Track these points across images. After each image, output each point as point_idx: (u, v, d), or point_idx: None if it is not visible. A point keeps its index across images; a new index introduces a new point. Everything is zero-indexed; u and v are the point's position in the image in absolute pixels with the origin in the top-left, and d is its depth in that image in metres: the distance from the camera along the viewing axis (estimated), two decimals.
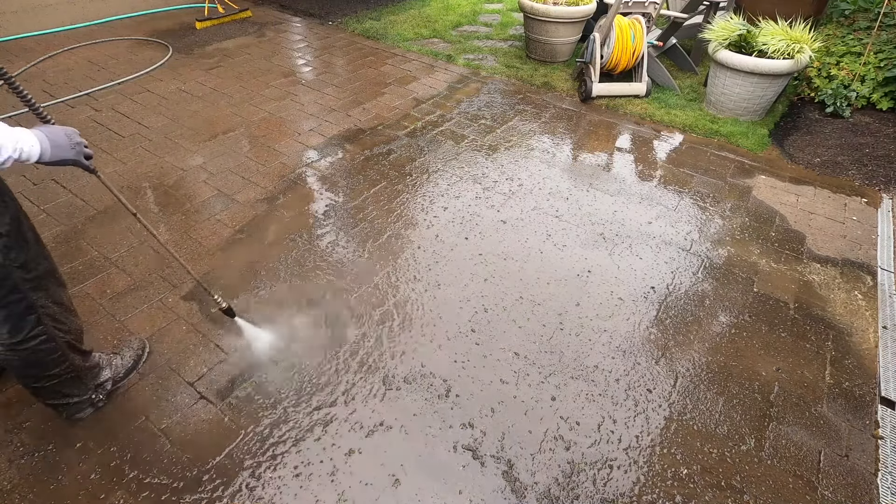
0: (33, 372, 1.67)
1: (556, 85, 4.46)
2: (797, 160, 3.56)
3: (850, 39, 4.17)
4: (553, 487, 1.73)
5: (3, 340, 1.55)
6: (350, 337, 2.22)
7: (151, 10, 5.89)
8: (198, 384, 2.01)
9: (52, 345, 1.65)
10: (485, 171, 3.31)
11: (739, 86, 3.78)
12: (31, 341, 1.59)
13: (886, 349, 2.26)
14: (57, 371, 1.70)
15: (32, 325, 1.58)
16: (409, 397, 1.99)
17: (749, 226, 2.94)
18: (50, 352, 1.65)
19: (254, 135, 3.65)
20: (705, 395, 2.04)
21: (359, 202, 3.01)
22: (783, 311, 2.42)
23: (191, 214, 2.88)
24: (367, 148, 3.53)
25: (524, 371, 2.10)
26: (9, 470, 1.73)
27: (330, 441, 1.84)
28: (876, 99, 3.90)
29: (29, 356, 1.61)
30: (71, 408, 1.83)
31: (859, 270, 2.66)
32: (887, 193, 3.25)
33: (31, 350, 1.60)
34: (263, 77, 4.48)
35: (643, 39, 4.06)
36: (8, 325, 1.54)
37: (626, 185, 3.24)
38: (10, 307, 1.52)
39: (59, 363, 1.69)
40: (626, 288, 2.50)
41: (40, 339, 1.61)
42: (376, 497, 1.69)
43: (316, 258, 2.61)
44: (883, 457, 1.86)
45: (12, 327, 1.54)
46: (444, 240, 2.76)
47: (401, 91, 4.31)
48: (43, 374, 1.68)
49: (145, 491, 1.68)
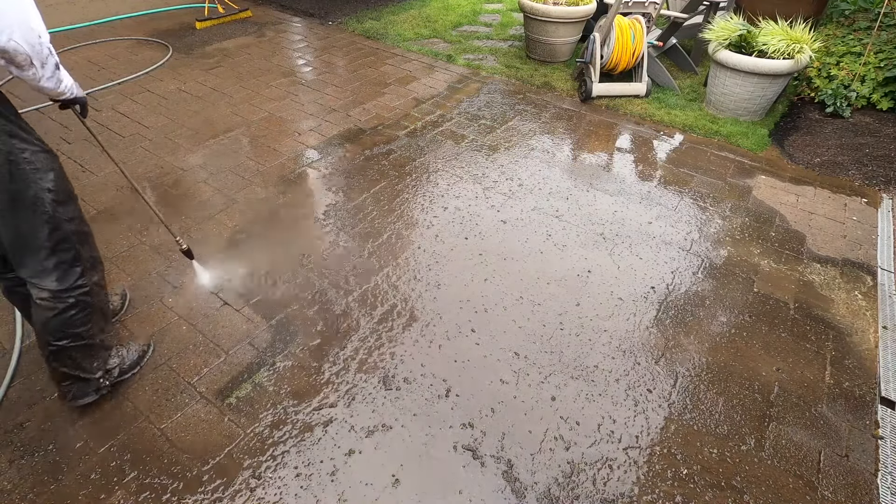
0: (62, 326, 1.71)
1: (556, 85, 4.46)
2: (797, 160, 3.56)
3: (850, 39, 4.17)
4: (553, 487, 1.73)
5: (50, 288, 1.64)
6: (350, 337, 2.22)
7: (151, 10, 5.88)
8: (198, 384, 2.01)
9: (89, 300, 1.74)
10: (485, 171, 3.31)
11: (739, 86, 3.77)
12: (74, 291, 1.68)
13: (886, 349, 2.26)
14: (82, 331, 1.75)
15: (77, 276, 1.69)
16: (408, 397, 1.99)
17: (749, 226, 2.94)
18: (84, 307, 1.73)
19: (254, 135, 3.65)
20: (705, 396, 2.04)
21: (359, 202, 3.01)
22: (783, 311, 2.42)
23: (190, 214, 2.88)
24: (367, 148, 3.53)
25: (524, 371, 2.10)
26: (9, 470, 1.73)
27: (330, 441, 1.84)
28: (876, 99, 3.90)
29: (67, 308, 1.69)
30: (78, 386, 1.84)
31: (859, 270, 2.66)
32: (887, 193, 3.25)
33: (71, 302, 1.68)
34: (263, 77, 4.48)
35: (643, 39, 4.06)
36: (56, 273, 1.64)
37: (626, 185, 3.24)
38: (60, 255, 1.64)
39: (86, 322, 1.76)
40: (626, 288, 2.50)
41: (81, 290, 1.70)
42: (376, 497, 1.69)
43: (316, 258, 2.61)
44: (883, 457, 1.86)
45: (60, 275, 1.65)
46: (444, 240, 2.76)
47: (401, 91, 4.31)
48: (70, 331, 1.73)
49: (145, 491, 1.68)
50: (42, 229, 1.59)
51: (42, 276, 1.64)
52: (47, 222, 1.59)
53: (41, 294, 1.66)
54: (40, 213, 1.57)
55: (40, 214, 1.58)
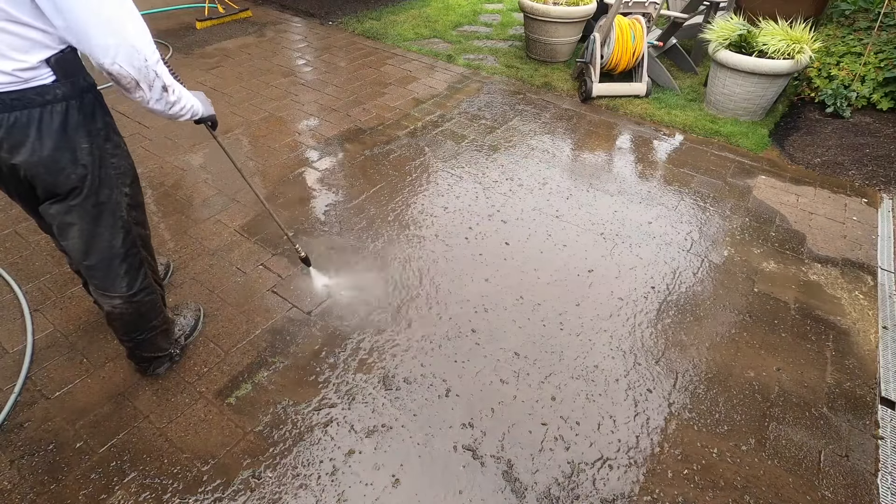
0: (140, 323, 1.82)
1: (557, 85, 4.46)
2: (797, 160, 3.56)
3: (851, 39, 4.16)
4: (553, 487, 1.73)
5: (122, 293, 1.70)
6: (350, 337, 2.22)
7: (151, 11, 5.88)
8: (198, 384, 2.01)
9: (154, 297, 1.83)
10: (485, 171, 3.31)
11: (739, 86, 3.77)
12: (141, 293, 1.75)
13: (887, 349, 2.26)
14: (156, 322, 1.87)
15: (143, 277, 1.75)
16: (408, 397, 1.99)
17: (749, 226, 2.94)
18: (153, 303, 1.82)
19: (254, 135, 3.65)
20: (705, 395, 2.04)
21: (358, 202, 3.01)
22: (783, 311, 2.42)
23: (190, 214, 2.88)
24: (368, 148, 3.53)
25: (524, 371, 2.10)
26: (9, 470, 1.73)
27: (330, 441, 1.84)
28: (876, 99, 3.90)
29: (139, 307, 1.77)
30: (157, 362, 1.99)
31: (859, 270, 2.66)
32: (887, 193, 3.25)
33: (140, 302, 1.76)
34: (263, 77, 4.48)
35: (643, 39, 4.06)
36: (127, 279, 1.70)
37: (626, 185, 3.24)
38: (130, 261, 1.69)
39: (158, 314, 1.87)
40: (627, 288, 2.50)
41: (146, 290, 1.77)
42: (376, 497, 1.69)
43: (315, 258, 2.61)
44: (883, 457, 1.86)
45: (130, 280, 1.71)
46: (444, 239, 2.75)
47: (401, 91, 4.31)
48: (147, 325, 1.84)
49: (145, 491, 1.68)
50: (118, 236, 1.62)
51: (113, 283, 1.67)
52: (122, 227, 1.62)
53: (113, 303, 1.71)
54: (117, 218, 1.59)
55: (117, 220, 1.59)
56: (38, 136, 1.35)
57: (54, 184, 1.43)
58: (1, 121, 1.29)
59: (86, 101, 1.42)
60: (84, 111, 1.42)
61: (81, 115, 1.41)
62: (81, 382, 2.01)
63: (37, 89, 1.30)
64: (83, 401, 1.94)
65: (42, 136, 1.35)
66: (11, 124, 1.30)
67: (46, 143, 1.36)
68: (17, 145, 1.34)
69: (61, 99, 1.35)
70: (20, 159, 1.36)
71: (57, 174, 1.42)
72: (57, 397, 1.95)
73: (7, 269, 2.48)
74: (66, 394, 1.97)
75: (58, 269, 2.49)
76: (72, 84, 1.36)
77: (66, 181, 1.44)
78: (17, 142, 1.33)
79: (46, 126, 1.35)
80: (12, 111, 1.29)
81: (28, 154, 1.35)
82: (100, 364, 2.08)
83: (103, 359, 2.10)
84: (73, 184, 1.45)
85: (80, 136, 1.42)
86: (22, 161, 1.36)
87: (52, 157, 1.39)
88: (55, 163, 1.40)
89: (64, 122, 1.38)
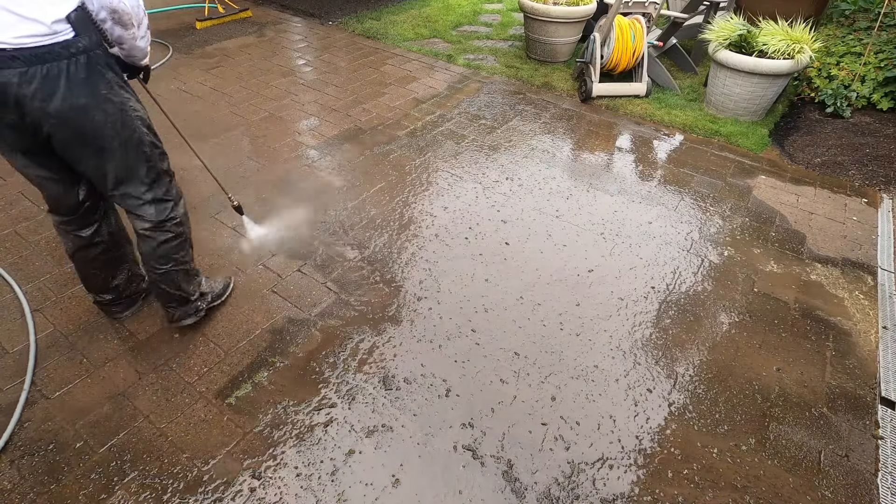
0: (167, 253, 1.97)
1: (557, 85, 4.46)
2: (797, 160, 3.56)
3: (851, 39, 4.17)
4: (553, 487, 1.73)
5: (151, 218, 1.89)
6: (350, 337, 2.22)
7: (152, 10, 5.88)
8: (198, 384, 2.01)
9: (182, 230, 1.99)
10: (485, 171, 3.31)
11: (740, 86, 3.77)
12: (169, 222, 1.93)
13: (887, 349, 2.26)
14: (181, 256, 2.02)
15: (171, 208, 1.94)
16: (408, 397, 1.99)
17: (749, 226, 2.94)
18: (179, 235, 1.98)
19: (254, 135, 3.65)
20: (705, 395, 2.04)
21: (358, 202, 3.01)
22: (783, 310, 2.42)
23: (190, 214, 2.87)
24: (368, 148, 3.53)
25: (524, 371, 2.10)
26: (9, 470, 1.73)
27: (330, 441, 1.84)
28: (876, 99, 3.90)
29: (167, 237, 1.94)
30: (181, 309, 2.12)
31: (859, 270, 2.66)
32: (887, 193, 3.25)
33: (168, 230, 1.93)
34: (264, 77, 4.49)
35: (643, 39, 4.06)
36: (154, 206, 1.89)
37: (626, 184, 3.24)
38: (156, 190, 1.88)
39: (183, 248, 2.02)
40: (627, 288, 2.50)
41: (175, 220, 1.95)
42: (376, 497, 1.69)
43: (315, 258, 2.61)
44: (883, 457, 1.86)
45: (157, 209, 1.90)
46: (444, 239, 2.75)
47: (401, 91, 4.31)
48: (172, 256, 1.99)
49: (145, 491, 1.68)
50: (142, 167, 1.83)
51: (142, 208, 1.87)
52: (146, 161, 1.83)
53: (143, 225, 1.90)
54: (140, 152, 1.80)
55: (140, 153, 1.80)
56: (67, 84, 1.55)
57: (80, 126, 1.63)
58: (35, 73, 1.49)
59: (101, 53, 1.63)
60: (101, 62, 1.62)
61: (99, 66, 1.62)
62: (81, 382, 2.01)
63: (62, 44, 1.50)
64: (83, 401, 1.94)
65: (71, 85, 1.55)
66: (45, 75, 1.50)
67: (75, 90, 1.56)
68: (51, 94, 1.53)
69: (83, 51, 1.55)
70: (53, 107, 1.55)
71: (83, 118, 1.62)
72: (57, 397, 1.95)
73: (7, 269, 2.48)
74: (66, 394, 1.97)
75: (58, 269, 2.49)
76: (88, 38, 1.56)
77: (90, 124, 1.64)
78: (50, 91, 1.53)
79: (73, 75, 1.55)
80: (44, 63, 1.49)
81: (60, 101, 1.55)
82: (100, 364, 2.08)
83: (103, 359, 2.10)
84: (97, 126, 1.65)
85: (102, 84, 1.63)
86: (55, 108, 1.55)
87: (80, 103, 1.59)
88: (82, 108, 1.60)
89: (88, 71, 1.58)
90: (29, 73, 1.48)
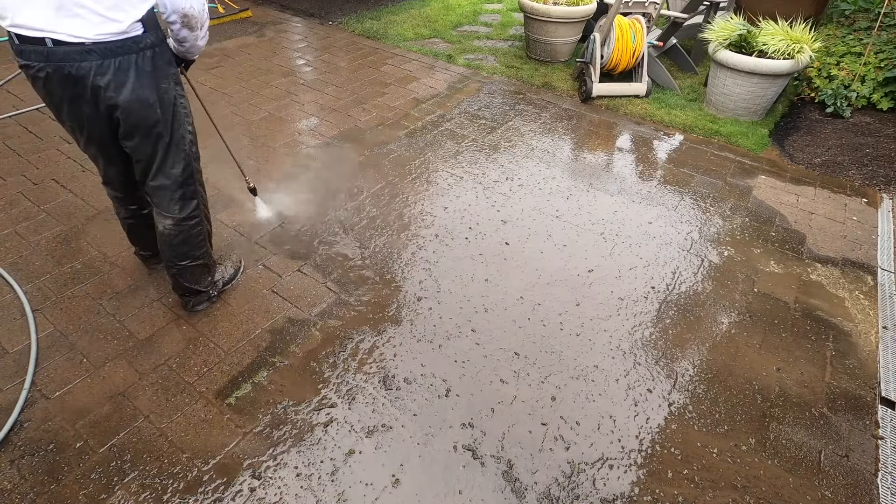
0: (186, 249, 2.07)
1: (557, 85, 4.46)
2: (797, 160, 3.56)
3: (851, 39, 4.16)
4: (553, 487, 1.73)
5: (174, 215, 1.98)
6: (350, 337, 2.22)
7: None
8: (198, 384, 2.01)
9: (202, 228, 2.10)
10: (485, 171, 3.31)
11: (740, 86, 3.77)
12: (190, 220, 2.02)
13: (887, 349, 2.26)
14: (199, 253, 2.12)
15: (194, 207, 2.03)
16: (408, 397, 1.99)
17: (749, 226, 2.94)
18: (199, 234, 2.09)
19: (254, 134, 3.64)
20: (705, 395, 2.04)
21: (358, 202, 3.01)
22: (783, 310, 2.42)
23: None
24: (368, 148, 3.53)
25: (524, 371, 2.10)
26: (9, 470, 1.73)
27: (330, 441, 1.84)
28: (876, 99, 3.90)
29: (187, 232, 2.03)
30: (197, 297, 2.24)
31: (859, 270, 2.66)
32: (887, 193, 3.25)
33: (189, 227, 2.03)
34: (263, 77, 4.48)
35: (643, 39, 4.06)
36: (180, 204, 1.98)
37: (626, 184, 3.24)
38: (185, 189, 1.97)
39: (202, 246, 2.13)
40: (627, 288, 2.50)
41: (196, 220, 2.05)
42: (376, 497, 1.69)
43: (315, 258, 2.61)
44: (883, 457, 1.86)
45: (182, 205, 1.99)
46: (444, 239, 2.75)
47: (401, 91, 4.31)
48: (191, 252, 2.09)
49: (145, 491, 1.68)
50: (180, 165, 1.92)
51: (170, 206, 1.97)
52: (184, 159, 1.93)
53: (166, 222, 1.99)
54: (181, 150, 1.91)
55: (181, 152, 1.91)
56: (136, 76, 1.67)
57: (143, 117, 1.74)
58: (109, 65, 1.61)
59: (165, 49, 1.75)
60: (164, 57, 1.75)
61: (163, 61, 1.74)
62: (81, 382, 2.01)
63: (133, 38, 1.63)
64: (83, 401, 1.94)
65: (139, 77, 1.68)
66: (117, 67, 1.63)
67: (142, 81, 1.69)
68: (121, 85, 1.65)
69: (150, 46, 1.68)
70: (123, 98, 1.67)
71: (146, 109, 1.73)
72: (57, 397, 1.95)
73: (7, 269, 2.48)
74: (66, 394, 1.97)
75: (58, 269, 2.49)
76: (154, 35, 1.68)
77: (152, 115, 1.76)
78: (121, 82, 1.65)
79: (141, 69, 1.67)
80: (117, 56, 1.62)
81: (129, 92, 1.67)
82: (100, 364, 2.08)
83: (103, 359, 2.10)
84: (157, 118, 1.78)
85: (163, 78, 1.76)
86: (123, 99, 1.67)
87: (145, 95, 1.71)
88: (146, 100, 1.72)
89: (153, 66, 1.71)
90: (104, 64, 1.60)
